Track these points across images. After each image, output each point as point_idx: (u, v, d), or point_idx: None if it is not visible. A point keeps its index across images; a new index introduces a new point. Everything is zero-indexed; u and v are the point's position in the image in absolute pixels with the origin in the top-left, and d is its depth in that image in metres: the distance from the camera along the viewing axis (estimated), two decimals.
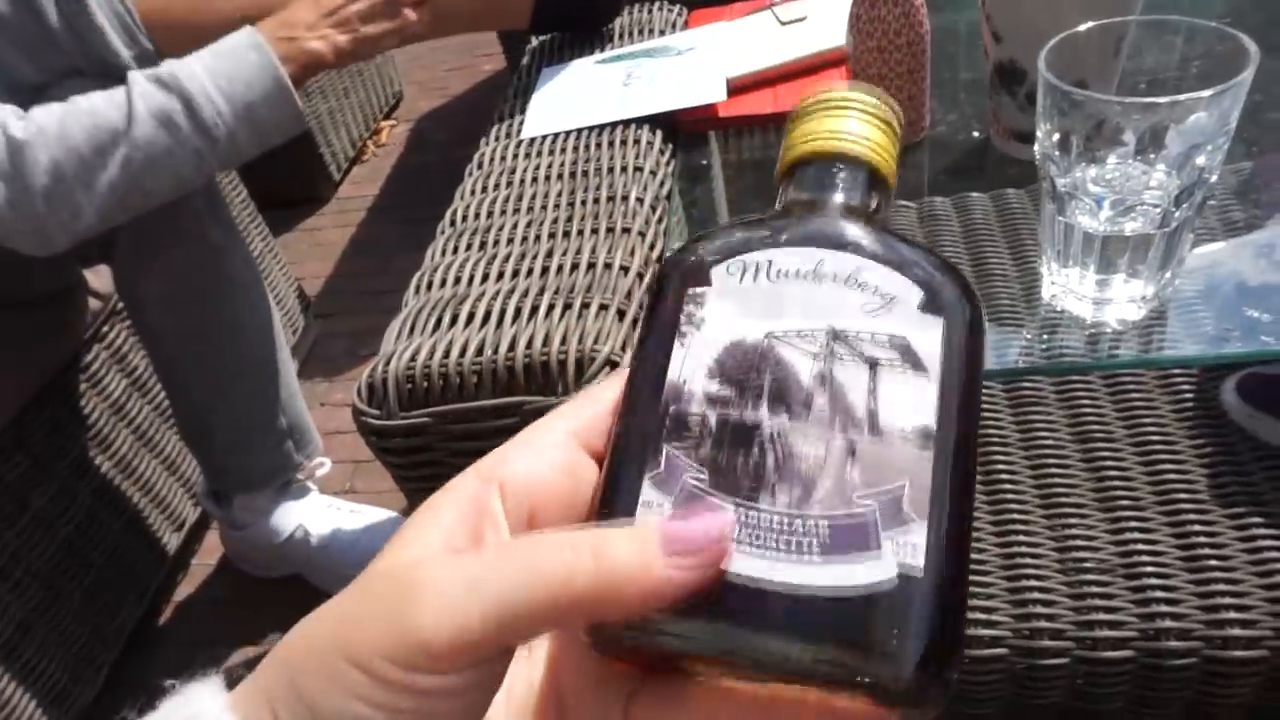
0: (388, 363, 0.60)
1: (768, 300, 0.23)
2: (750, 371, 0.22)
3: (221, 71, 0.81)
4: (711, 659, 0.21)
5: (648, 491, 0.21)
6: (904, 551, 0.20)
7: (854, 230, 0.24)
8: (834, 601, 0.20)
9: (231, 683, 0.20)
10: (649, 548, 0.19)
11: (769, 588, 0.20)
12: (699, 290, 0.24)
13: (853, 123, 0.26)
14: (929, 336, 0.22)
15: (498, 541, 0.21)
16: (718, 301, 0.23)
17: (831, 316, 0.23)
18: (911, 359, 0.22)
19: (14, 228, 0.76)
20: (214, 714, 0.19)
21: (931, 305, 0.23)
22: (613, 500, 0.22)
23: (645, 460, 0.22)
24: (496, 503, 0.22)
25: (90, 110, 0.78)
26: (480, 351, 0.58)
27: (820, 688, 0.20)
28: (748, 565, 0.20)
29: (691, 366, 0.23)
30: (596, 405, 0.24)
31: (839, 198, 0.25)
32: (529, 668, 0.24)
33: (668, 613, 0.20)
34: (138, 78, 0.80)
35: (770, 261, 0.24)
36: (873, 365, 0.22)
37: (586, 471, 0.23)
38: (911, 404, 0.22)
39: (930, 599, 0.20)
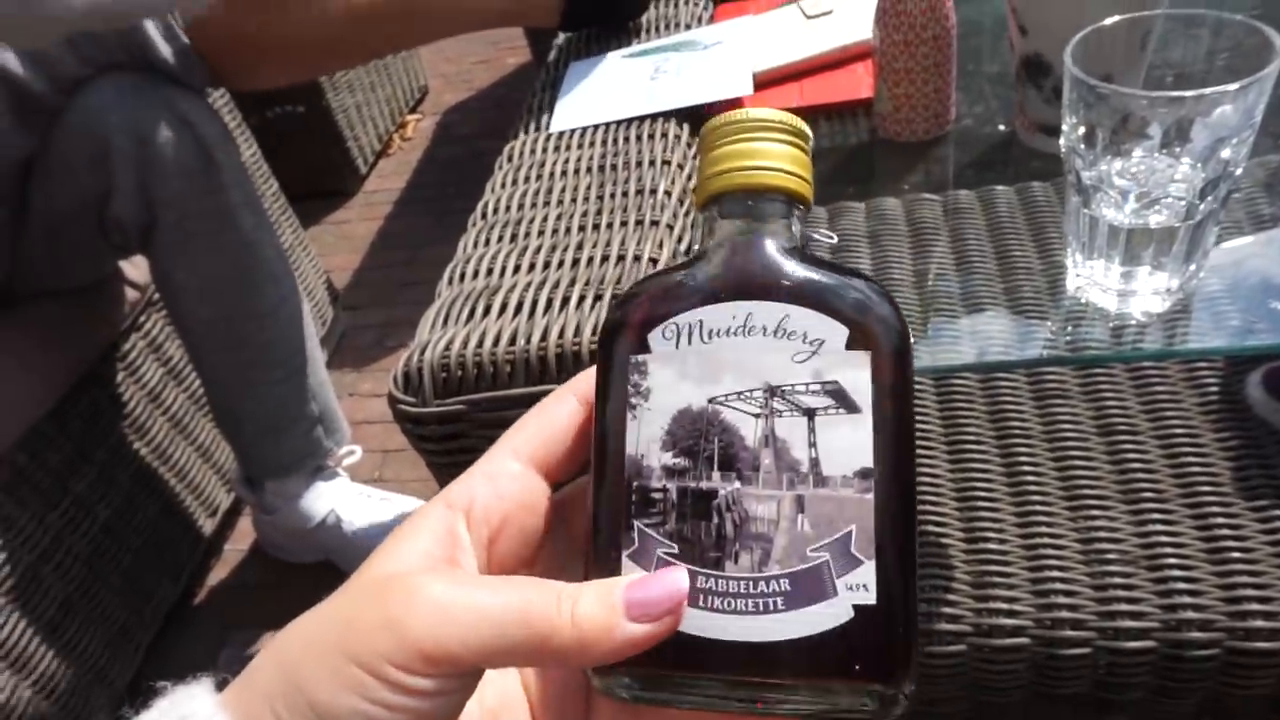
0: (423, 351, 0.61)
1: (704, 363, 0.25)
2: (699, 440, 0.24)
3: None
4: (695, 709, 0.24)
5: (627, 566, 0.24)
6: (857, 591, 0.22)
7: (780, 270, 0.25)
8: (798, 646, 0.22)
9: (220, 685, 0.22)
10: (615, 612, 0.22)
11: (741, 644, 0.22)
12: (641, 359, 0.25)
13: (770, 147, 0.26)
14: (858, 375, 0.24)
15: (495, 576, 0.24)
16: (659, 370, 0.25)
17: (766, 372, 0.24)
18: (844, 401, 0.24)
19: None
20: (206, 713, 0.21)
21: (858, 340, 0.24)
22: (600, 575, 0.24)
23: (620, 538, 0.24)
24: (464, 530, 0.24)
25: None
26: (513, 341, 0.60)
27: (798, 714, 0.23)
28: (719, 625, 0.23)
29: (646, 439, 0.25)
30: (550, 425, 0.26)
31: (763, 234, 0.26)
32: (500, 674, 0.27)
33: (655, 672, 0.23)
34: None
35: (701, 321, 0.25)
36: (810, 415, 0.24)
37: (539, 500, 0.26)
38: (849, 447, 0.24)
39: (884, 626, 0.22)
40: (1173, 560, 0.70)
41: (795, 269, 0.25)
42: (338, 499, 1.14)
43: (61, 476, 1.00)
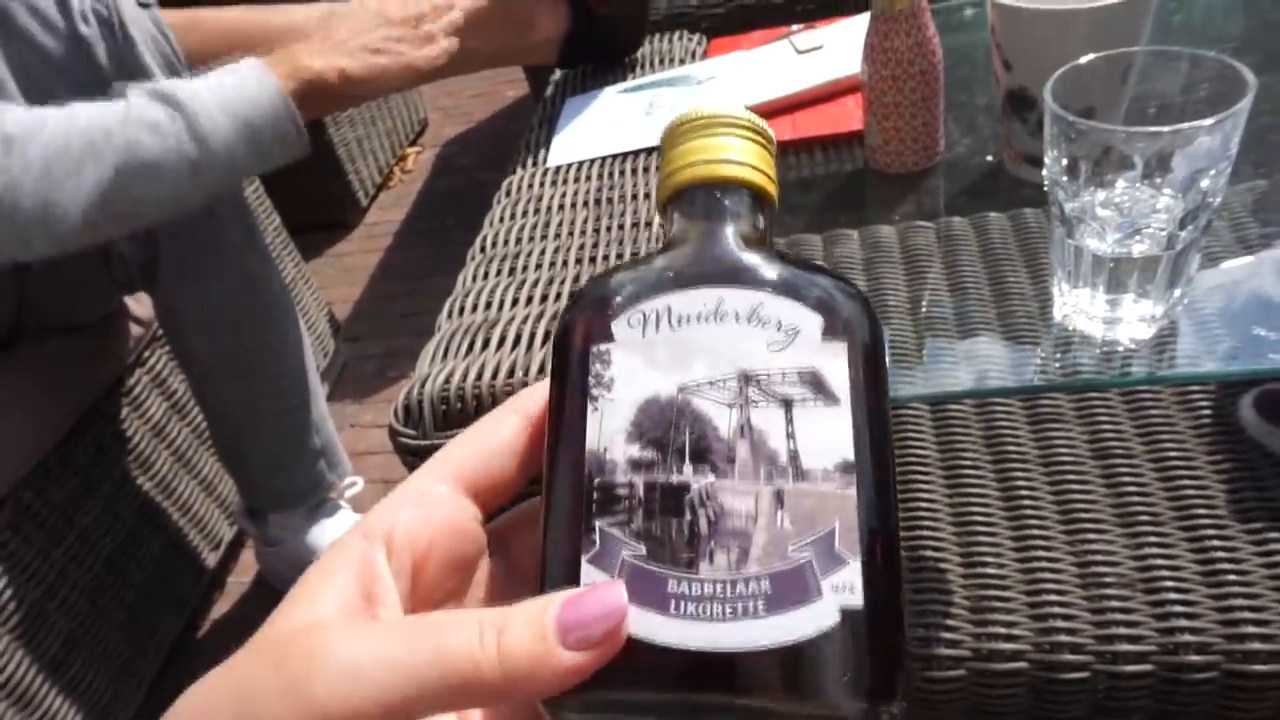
0: (423, 385, 0.62)
1: (674, 350, 0.23)
2: (669, 430, 0.22)
3: (221, 86, 0.79)
4: None
5: (588, 573, 0.21)
6: (843, 593, 0.20)
7: (748, 259, 0.24)
8: (783, 654, 0.20)
9: None
10: (548, 638, 0.19)
11: (719, 654, 0.20)
12: (603, 348, 0.23)
13: (731, 142, 0.25)
14: (836, 364, 0.22)
15: (408, 618, 0.21)
16: (624, 358, 0.23)
17: (740, 359, 0.22)
18: (823, 391, 0.22)
19: None
20: None
21: (833, 330, 0.23)
22: (556, 584, 0.22)
23: (580, 540, 0.22)
24: (384, 562, 0.22)
25: (84, 113, 0.76)
26: (512, 374, 0.61)
27: None
28: (694, 634, 0.20)
29: (609, 432, 0.22)
30: (485, 444, 0.24)
31: (728, 226, 0.25)
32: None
33: (618, 691, 0.20)
34: (136, 89, 0.78)
35: (669, 308, 0.23)
36: (787, 405, 0.22)
37: (469, 524, 0.24)
38: (829, 439, 0.22)
39: (874, 631, 0.20)
40: (1169, 584, 0.70)
41: (764, 261, 0.24)
42: (340, 531, 1.15)
43: (66, 512, 1.01)
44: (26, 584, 0.94)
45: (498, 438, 0.24)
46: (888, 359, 0.24)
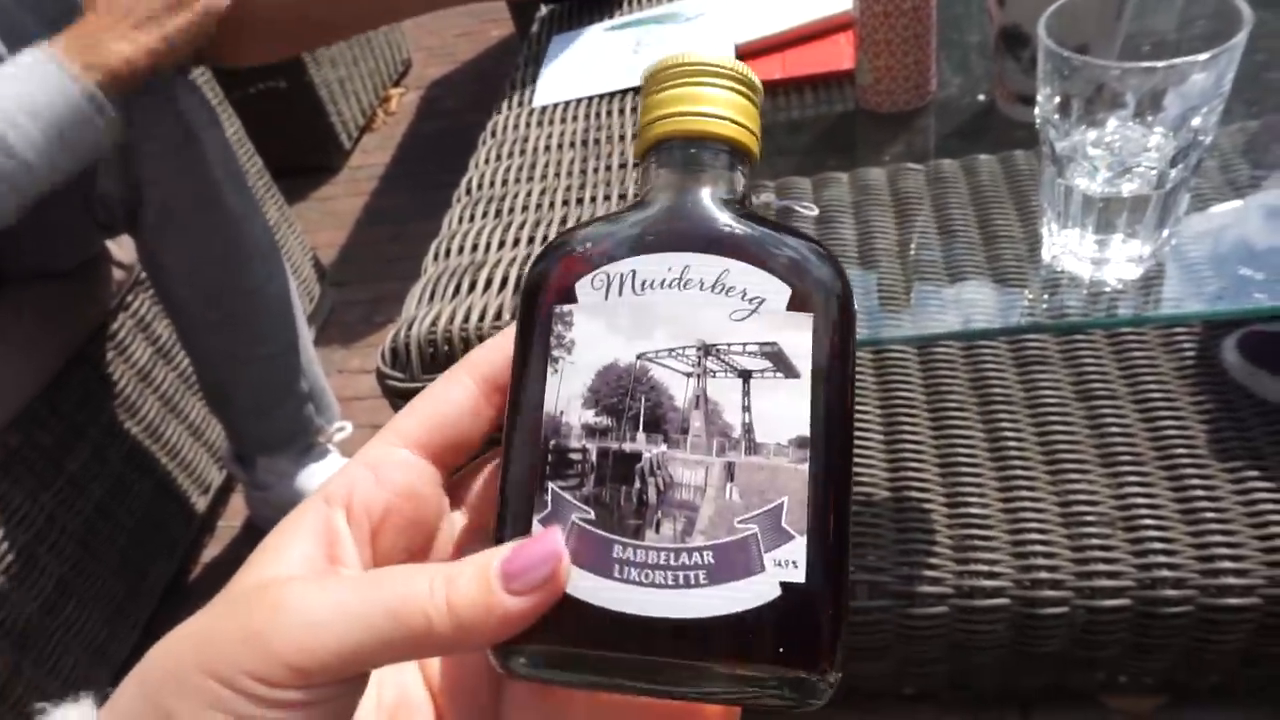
0: (410, 327, 0.62)
1: (636, 316, 0.23)
2: (625, 398, 0.22)
3: (19, 94, 0.76)
4: (608, 689, 0.22)
5: (538, 532, 0.22)
6: (786, 568, 0.21)
7: (721, 221, 0.24)
8: (721, 624, 0.20)
9: (102, 701, 0.21)
10: (492, 586, 0.20)
11: (658, 620, 0.21)
12: (566, 309, 0.23)
13: (714, 93, 0.24)
14: (799, 337, 0.22)
15: (364, 572, 0.22)
16: (586, 321, 0.23)
17: (700, 329, 0.22)
18: (783, 365, 0.22)
19: None
20: None
21: (800, 302, 0.22)
22: (508, 540, 0.22)
23: (533, 501, 0.22)
24: (344, 525, 0.23)
25: None
26: (499, 316, 0.61)
27: (710, 703, 0.22)
28: (636, 599, 0.21)
29: (567, 395, 0.23)
30: (440, 407, 0.24)
31: (704, 185, 0.24)
32: (396, 671, 0.25)
33: (561, 649, 0.21)
34: None
35: (634, 271, 0.23)
36: (746, 378, 0.22)
37: (427, 487, 0.24)
38: (785, 413, 0.22)
39: (812, 608, 0.21)
40: (1149, 521, 0.72)
41: (736, 223, 0.23)
42: (328, 475, 1.15)
43: (55, 456, 1.01)
44: (17, 528, 0.94)
45: (453, 400, 0.24)
46: (859, 335, 0.24)
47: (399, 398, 0.62)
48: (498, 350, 0.25)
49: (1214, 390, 0.80)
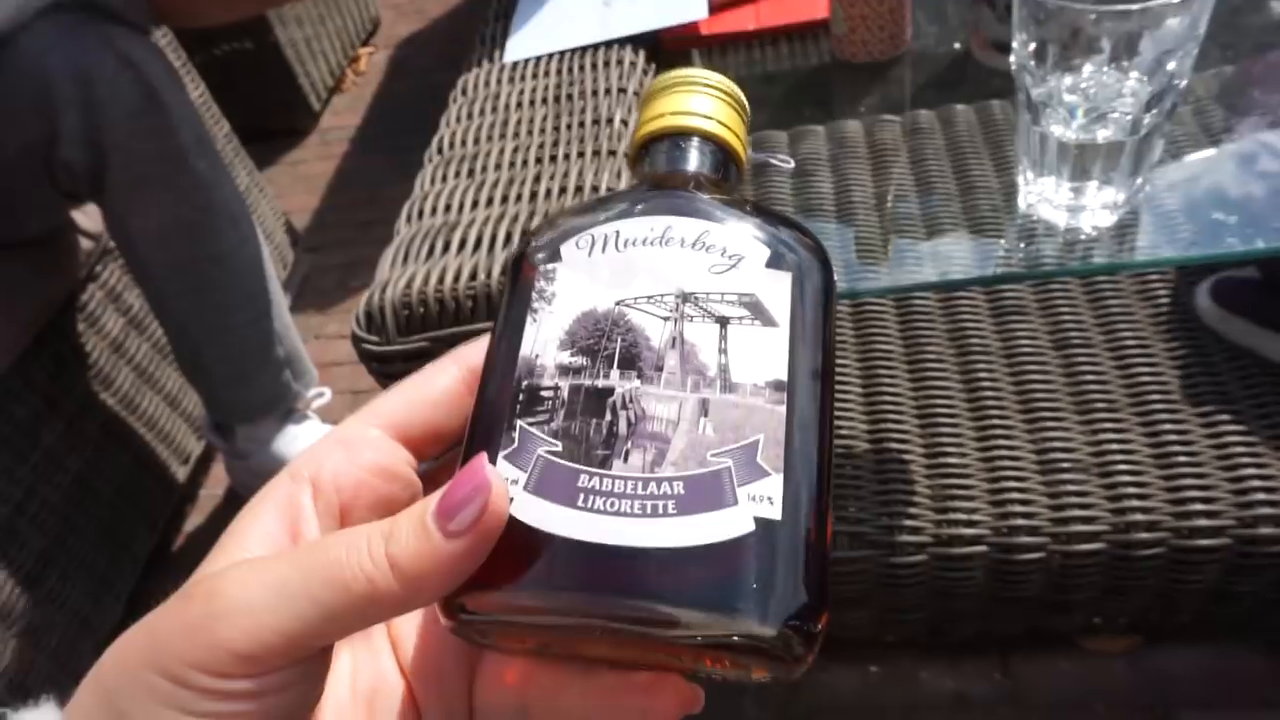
0: (384, 290, 0.61)
1: (616, 269, 0.23)
2: (601, 339, 0.22)
3: None
4: (570, 631, 0.20)
5: (504, 469, 0.21)
6: (761, 503, 0.20)
7: (704, 198, 0.24)
8: (692, 554, 0.19)
9: (65, 702, 0.21)
10: (430, 532, 0.19)
11: (625, 550, 0.19)
12: (550, 267, 0.24)
13: (700, 100, 0.26)
14: (778, 290, 0.22)
15: (301, 544, 0.21)
16: (568, 274, 0.23)
17: (680, 280, 0.23)
18: (761, 314, 0.22)
19: None
20: None
21: (779, 262, 0.23)
22: None
23: (500, 437, 0.21)
24: (309, 502, 0.22)
25: None
26: (474, 276, 0.60)
27: (684, 650, 0.20)
28: (603, 529, 0.20)
29: (543, 340, 0.22)
30: (422, 392, 0.24)
31: (690, 171, 0.26)
32: (370, 656, 0.24)
33: (520, 588, 0.20)
34: None
35: (618, 232, 0.23)
36: (723, 323, 0.22)
37: (401, 468, 0.23)
38: (763, 358, 0.22)
39: (790, 547, 0.20)
40: (1122, 466, 0.73)
41: (724, 201, 0.24)
42: (308, 442, 1.15)
43: (29, 429, 0.99)
44: None
45: (435, 386, 0.24)
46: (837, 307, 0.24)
47: (375, 361, 0.62)
48: (486, 343, 0.25)
49: (1187, 336, 0.81)
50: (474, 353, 0.24)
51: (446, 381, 0.24)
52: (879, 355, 0.85)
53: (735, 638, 0.19)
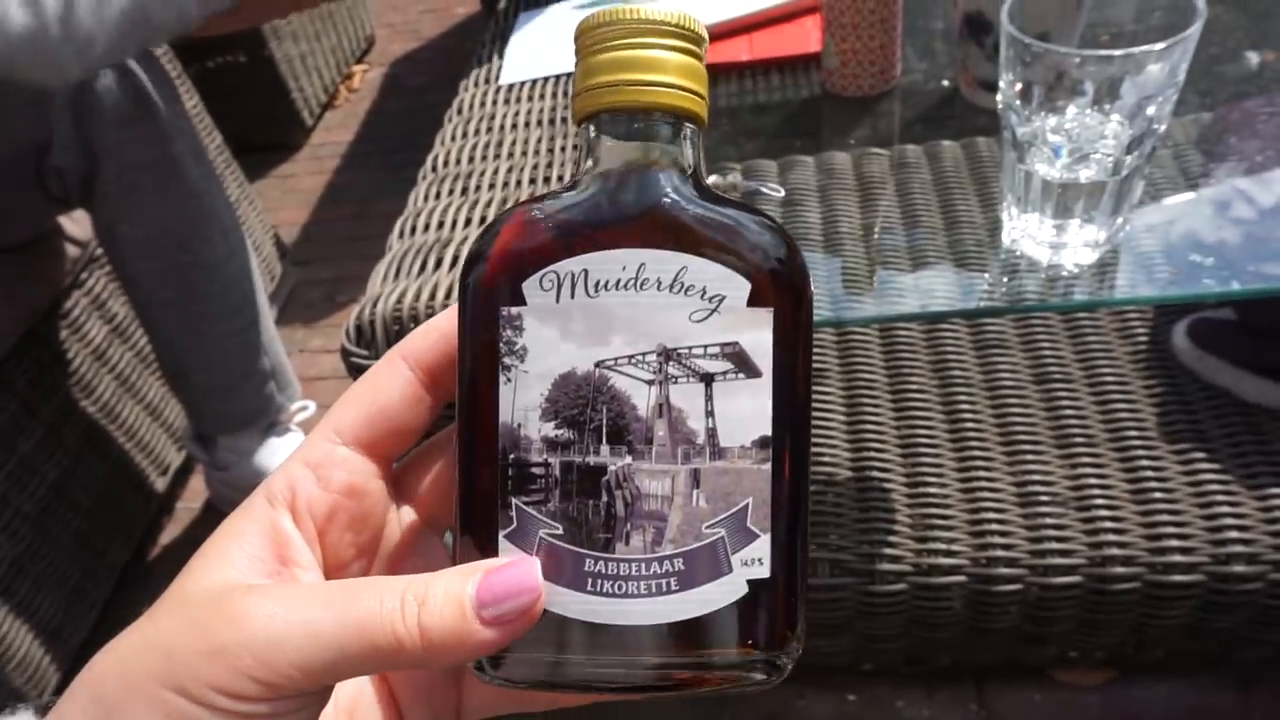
0: (375, 304, 0.61)
1: (591, 321, 0.22)
2: (585, 408, 0.22)
3: None
4: (579, 692, 0.22)
5: (505, 549, 0.22)
6: (752, 566, 0.22)
7: (675, 207, 0.22)
8: (694, 625, 0.21)
9: (43, 710, 0.21)
10: (466, 613, 0.20)
11: (633, 629, 0.21)
12: (514, 311, 0.22)
13: (660, 55, 0.23)
14: (761, 335, 0.22)
15: (330, 584, 0.22)
16: (537, 325, 0.22)
17: (661, 333, 0.22)
18: (745, 365, 0.22)
19: (32, 57, 0.75)
20: None
21: (759, 297, 0.22)
22: (473, 557, 0.22)
23: (497, 517, 0.22)
24: (291, 527, 0.23)
25: None
26: None
27: (682, 695, 0.22)
28: (612, 611, 0.21)
29: (523, 406, 0.22)
30: (377, 399, 0.24)
31: (654, 162, 0.23)
32: None
33: (537, 662, 0.22)
34: None
35: (586, 271, 0.22)
36: (708, 381, 0.22)
37: (369, 483, 0.24)
38: (748, 414, 0.22)
39: (777, 598, 0.22)
40: (1100, 501, 0.74)
41: (691, 207, 0.22)
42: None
43: (7, 436, 0.98)
44: None
45: (391, 390, 0.24)
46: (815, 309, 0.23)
47: None
48: (436, 337, 0.24)
49: (1164, 374, 0.82)
50: (422, 348, 0.24)
51: (400, 384, 0.24)
52: (863, 384, 0.86)
53: (730, 687, 0.22)
